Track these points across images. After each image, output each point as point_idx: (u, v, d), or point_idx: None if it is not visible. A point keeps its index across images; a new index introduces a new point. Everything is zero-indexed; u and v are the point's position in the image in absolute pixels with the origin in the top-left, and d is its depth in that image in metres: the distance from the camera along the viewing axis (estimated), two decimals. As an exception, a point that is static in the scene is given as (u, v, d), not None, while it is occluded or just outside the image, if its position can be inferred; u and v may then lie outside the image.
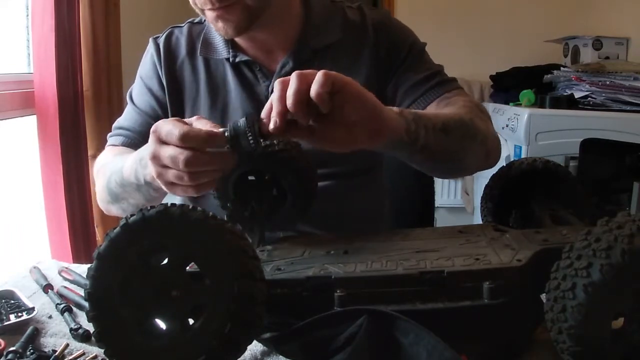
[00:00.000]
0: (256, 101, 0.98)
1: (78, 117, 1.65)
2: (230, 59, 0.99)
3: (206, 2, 0.87)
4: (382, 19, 1.03)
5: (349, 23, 1.02)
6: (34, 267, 0.89)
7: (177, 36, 1.06)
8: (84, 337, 0.66)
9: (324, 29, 1.00)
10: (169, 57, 1.04)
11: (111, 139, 1.06)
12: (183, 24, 1.08)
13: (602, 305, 0.44)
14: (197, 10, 0.92)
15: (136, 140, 1.02)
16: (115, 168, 0.88)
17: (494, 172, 0.83)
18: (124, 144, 1.03)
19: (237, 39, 0.99)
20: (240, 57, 0.98)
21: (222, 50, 1.00)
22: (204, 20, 1.04)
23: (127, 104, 1.09)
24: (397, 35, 1.02)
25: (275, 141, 0.75)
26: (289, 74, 0.94)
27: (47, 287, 0.80)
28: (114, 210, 0.96)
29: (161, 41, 1.05)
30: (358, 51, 1.00)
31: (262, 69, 0.98)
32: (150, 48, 1.07)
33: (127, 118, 1.06)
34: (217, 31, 0.94)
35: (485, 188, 0.82)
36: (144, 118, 1.04)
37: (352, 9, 1.05)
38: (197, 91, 1.02)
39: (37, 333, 0.67)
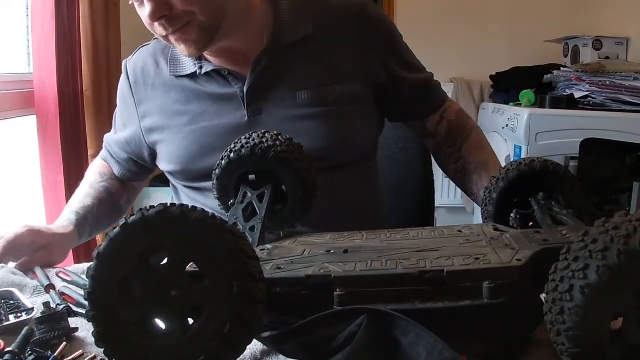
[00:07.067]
0: (232, 103, 0.99)
1: (78, 117, 1.65)
2: (197, 72, 1.00)
3: (161, 31, 0.91)
4: (365, 3, 1.04)
5: (329, 11, 1.02)
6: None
7: (145, 56, 1.08)
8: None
9: (296, 22, 0.99)
10: (137, 80, 1.07)
11: (102, 150, 1.19)
12: (150, 42, 1.10)
13: (599, 306, 0.43)
14: (160, 38, 0.96)
15: (112, 161, 1.16)
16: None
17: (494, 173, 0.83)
18: (105, 160, 1.18)
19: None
20: (207, 67, 0.99)
21: (189, 66, 1.01)
22: None
23: None
24: (381, 21, 1.05)
25: (277, 142, 0.75)
26: (264, 70, 0.98)
27: (49, 287, 0.80)
28: None
29: (130, 65, 1.10)
30: (340, 39, 1.00)
31: (231, 72, 0.99)
32: (123, 73, 1.11)
33: (111, 136, 1.16)
34: (181, 53, 0.97)
35: (485, 188, 0.82)
36: (121, 144, 1.12)
37: None
38: (171, 109, 1.03)
39: (33, 333, 0.67)
